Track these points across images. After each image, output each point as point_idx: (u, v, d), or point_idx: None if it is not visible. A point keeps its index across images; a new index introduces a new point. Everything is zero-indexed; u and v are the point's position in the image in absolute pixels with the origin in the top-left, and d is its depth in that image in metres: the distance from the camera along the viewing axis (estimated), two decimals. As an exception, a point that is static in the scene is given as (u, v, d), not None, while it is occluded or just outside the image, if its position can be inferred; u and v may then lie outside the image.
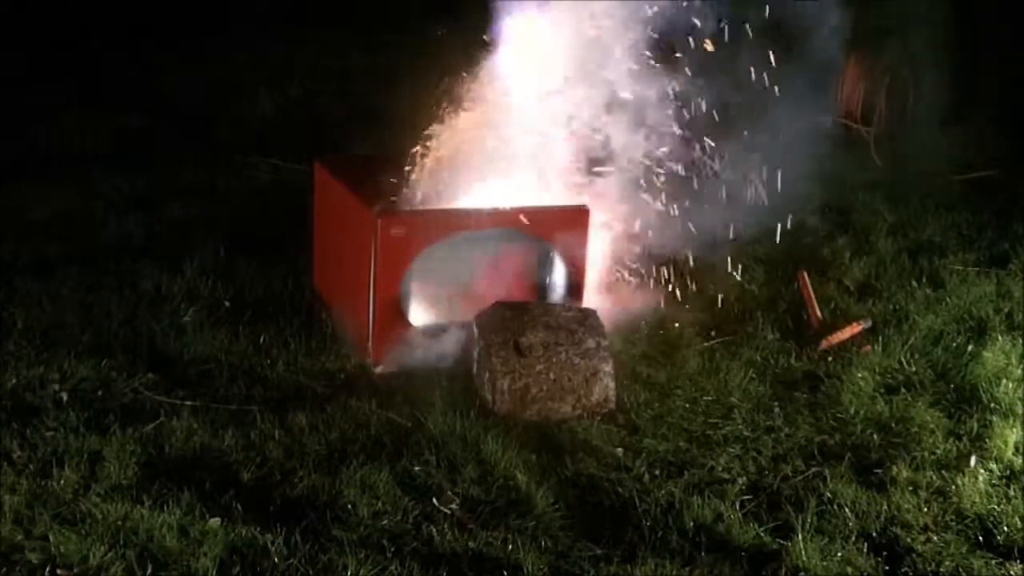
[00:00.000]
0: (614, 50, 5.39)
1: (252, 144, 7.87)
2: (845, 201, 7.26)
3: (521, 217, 5.20)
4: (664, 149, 5.66)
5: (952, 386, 5.14)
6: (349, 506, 4.18)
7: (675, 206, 5.89)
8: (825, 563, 4.03)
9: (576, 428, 4.79)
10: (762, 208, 6.69)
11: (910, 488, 4.45)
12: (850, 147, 8.04)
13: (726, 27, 6.01)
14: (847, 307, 5.86)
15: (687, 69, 5.67)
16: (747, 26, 6.11)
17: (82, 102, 8.57)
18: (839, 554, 4.08)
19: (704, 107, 5.82)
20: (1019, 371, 5.21)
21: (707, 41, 5.49)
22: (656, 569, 3.98)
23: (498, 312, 5.01)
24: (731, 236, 6.50)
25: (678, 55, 5.61)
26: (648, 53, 5.47)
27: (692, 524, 4.20)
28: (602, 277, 5.66)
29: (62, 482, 4.22)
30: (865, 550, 4.12)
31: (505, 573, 3.94)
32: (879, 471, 4.56)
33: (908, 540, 4.18)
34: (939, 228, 6.86)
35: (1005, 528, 4.25)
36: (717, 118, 6.12)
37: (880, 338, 5.49)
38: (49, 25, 9.67)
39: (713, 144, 5.97)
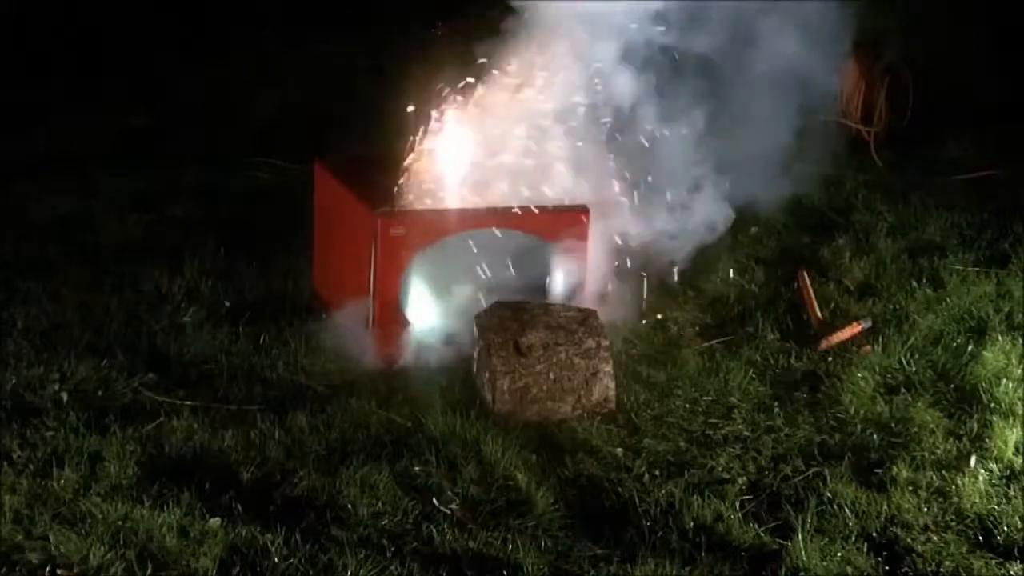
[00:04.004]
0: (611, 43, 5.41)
1: (252, 144, 7.87)
2: (845, 201, 7.26)
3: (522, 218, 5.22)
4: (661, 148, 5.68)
5: (952, 386, 5.14)
6: (349, 506, 4.18)
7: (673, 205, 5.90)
8: (825, 563, 4.03)
9: (576, 428, 4.79)
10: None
11: (910, 488, 4.44)
12: (850, 147, 8.03)
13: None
14: (847, 307, 5.85)
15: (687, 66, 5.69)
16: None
17: (82, 102, 8.57)
18: (839, 554, 4.08)
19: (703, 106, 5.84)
20: (1019, 371, 5.21)
21: None
22: (656, 569, 3.98)
23: (498, 312, 5.01)
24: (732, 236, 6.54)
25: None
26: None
27: (692, 524, 4.20)
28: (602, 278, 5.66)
29: (62, 482, 4.22)
30: (865, 550, 4.12)
31: (505, 573, 3.94)
32: (879, 471, 4.56)
33: (908, 540, 4.17)
34: (939, 228, 6.86)
35: (1005, 528, 4.24)
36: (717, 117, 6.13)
37: (880, 338, 5.49)
38: (49, 25, 9.66)
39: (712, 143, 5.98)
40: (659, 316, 5.73)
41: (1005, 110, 8.17)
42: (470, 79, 5.32)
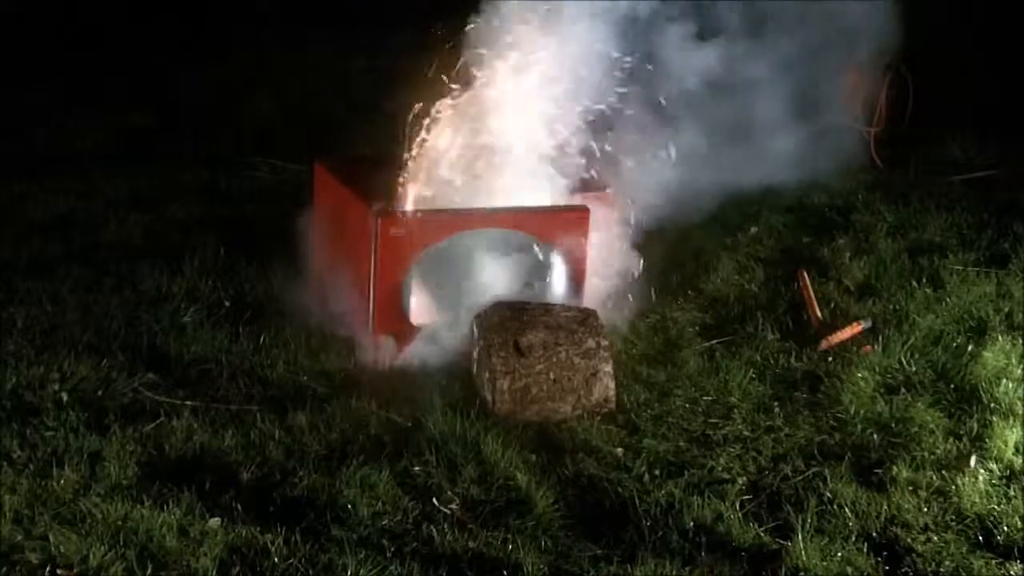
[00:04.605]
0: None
1: (252, 144, 7.87)
2: (845, 201, 7.26)
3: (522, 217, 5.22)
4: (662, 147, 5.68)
5: (952, 386, 5.14)
6: (349, 506, 4.19)
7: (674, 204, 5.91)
8: (825, 563, 4.03)
9: (576, 428, 4.79)
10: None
11: (910, 488, 4.44)
12: (850, 147, 8.03)
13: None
14: (847, 307, 5.85)
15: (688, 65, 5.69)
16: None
17: (82, 102, 8.57)
18: (839, 554, 4.08)
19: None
20: (1019, 371, 5.21)
21: None
22: (656, 569, 3.98)
23: (498, 312, 5.01)
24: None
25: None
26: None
27: (692, 524, 4.20)
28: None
29: (62, 482, 4.22)
30: (865, 550, 4.12)
31: (505, 573, 3.94)
32: (879, 471, 4.56)
33: (908, 540, 4.18)
34: (939, 228, 6.85)
35: (1005, 528, 4.25)
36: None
37: (880, 338, 5.49)
38: (49, 24, 9.67)
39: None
40: (659, 316, 5.73)
41: (1005, 110, 8.17)
42: (468, 76, 5.31)
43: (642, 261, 5.74)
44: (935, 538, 4.19)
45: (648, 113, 5.59)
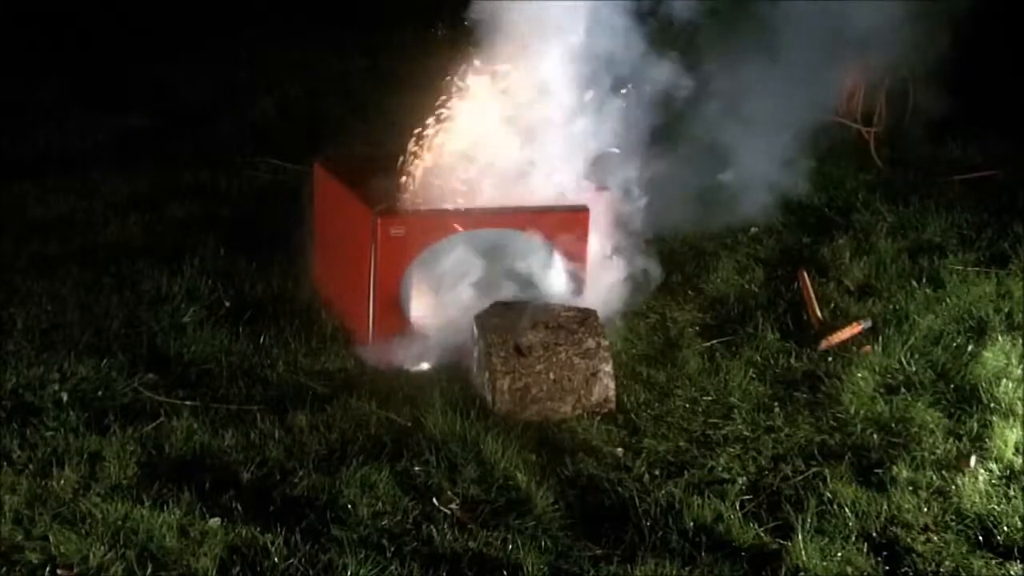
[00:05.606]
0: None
1: (252, 144, 7.87)
2: (845, 201, 7.26)
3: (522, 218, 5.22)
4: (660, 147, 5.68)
5: (952, 386, 5.14)
6: (349, 506, 4.19)
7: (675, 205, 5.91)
8: (825, 563, 4.03)
9: (576, 428, 4.79)
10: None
11: (910, 488, 4.44)
12: (850, 147, 8.03)
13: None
14: (847, 307, 5.85)
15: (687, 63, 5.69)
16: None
17: (82, 102, 8.57)
18: (839, 554, 4.08)
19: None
20: (1019, 371, 5.21)
21: None
22: (656, 569, 3.98)
23: (498, 312, 5.01)
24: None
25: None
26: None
27: (692, 524, 4.20)
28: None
29: (62, 482, 4.22)
30: (865, 550, 4.12)
31: (505, 573, 3.94)
32: (879, 471, 4.56)
33: (908, 540, 4.18)
34: (939, 228, 6.85)
35: (1005, 528, 4.25)
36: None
37: (880, 338, 5.49)
38: (49, 24, 9.68)
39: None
40: (659, 316, 5.73)
41: (1005, 110, 8.17)
42: (468, 76, 5.31)
43: (642, 261, 5.75)
44: (935, 538, 4.19)
45: (646, 110, 5.60)
